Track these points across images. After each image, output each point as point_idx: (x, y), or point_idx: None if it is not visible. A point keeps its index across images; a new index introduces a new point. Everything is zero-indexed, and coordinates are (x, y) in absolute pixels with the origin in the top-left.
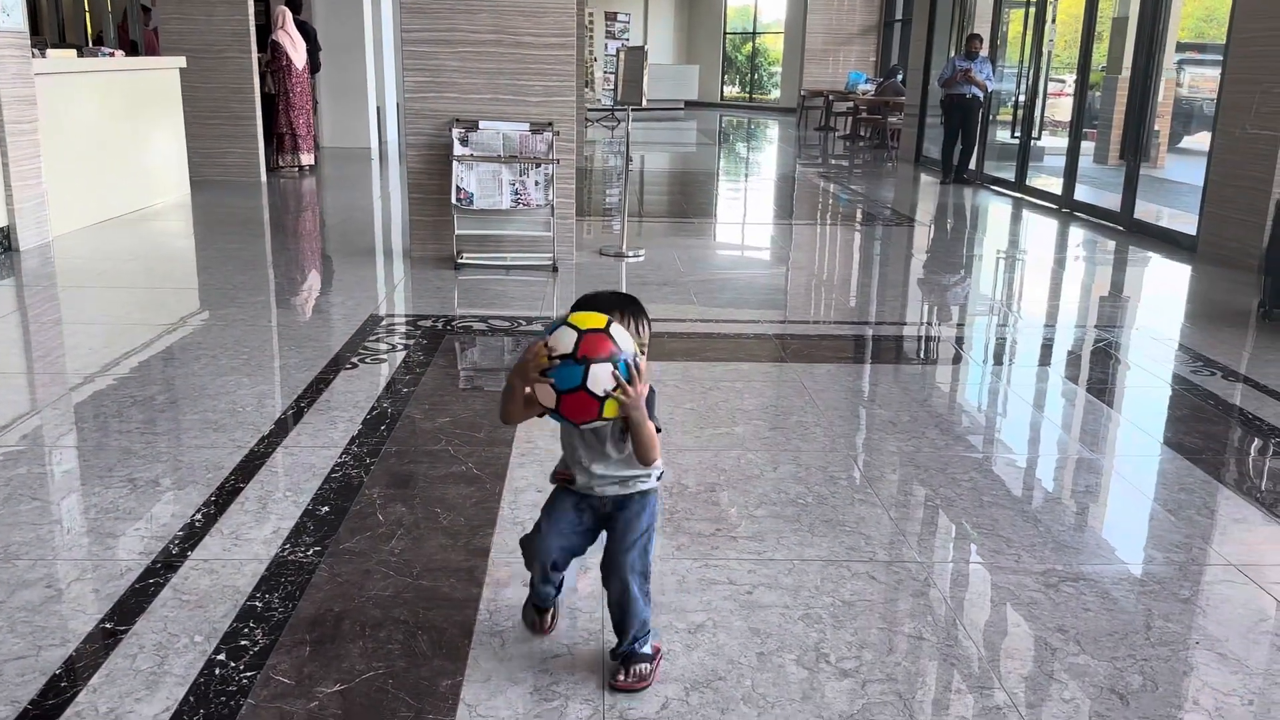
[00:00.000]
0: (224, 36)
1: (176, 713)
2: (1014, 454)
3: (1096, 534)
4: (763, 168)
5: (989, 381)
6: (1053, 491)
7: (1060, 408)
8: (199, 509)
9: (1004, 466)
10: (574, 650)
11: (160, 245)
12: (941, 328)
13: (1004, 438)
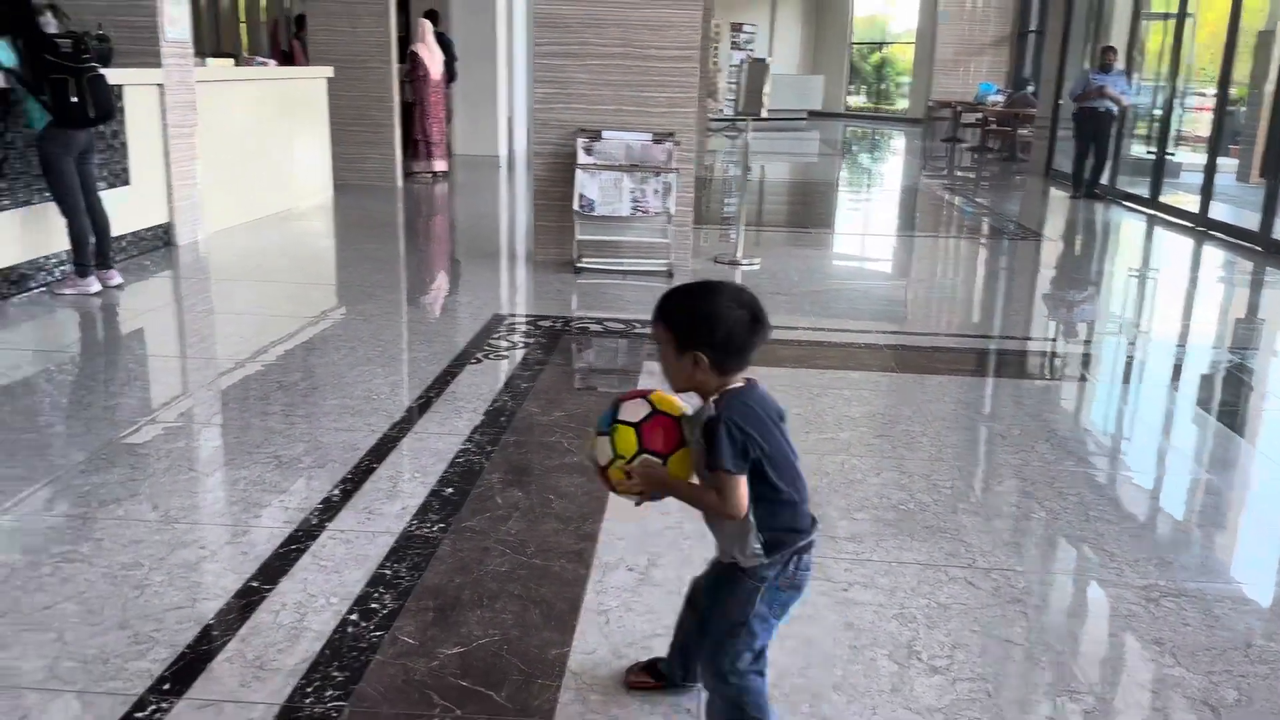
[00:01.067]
0: (368, 48)
1: (314, 663)
2: (1127, 472)
3: (1206, 553)
4: (885, 179)
5: (1108, 399)
6: (1163, 510)
7: (1181, 429)
8: (336, 485)
9: (1115, 483)
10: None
11: (304, 244)
12: (1062, 344)
13: (1118, 455)
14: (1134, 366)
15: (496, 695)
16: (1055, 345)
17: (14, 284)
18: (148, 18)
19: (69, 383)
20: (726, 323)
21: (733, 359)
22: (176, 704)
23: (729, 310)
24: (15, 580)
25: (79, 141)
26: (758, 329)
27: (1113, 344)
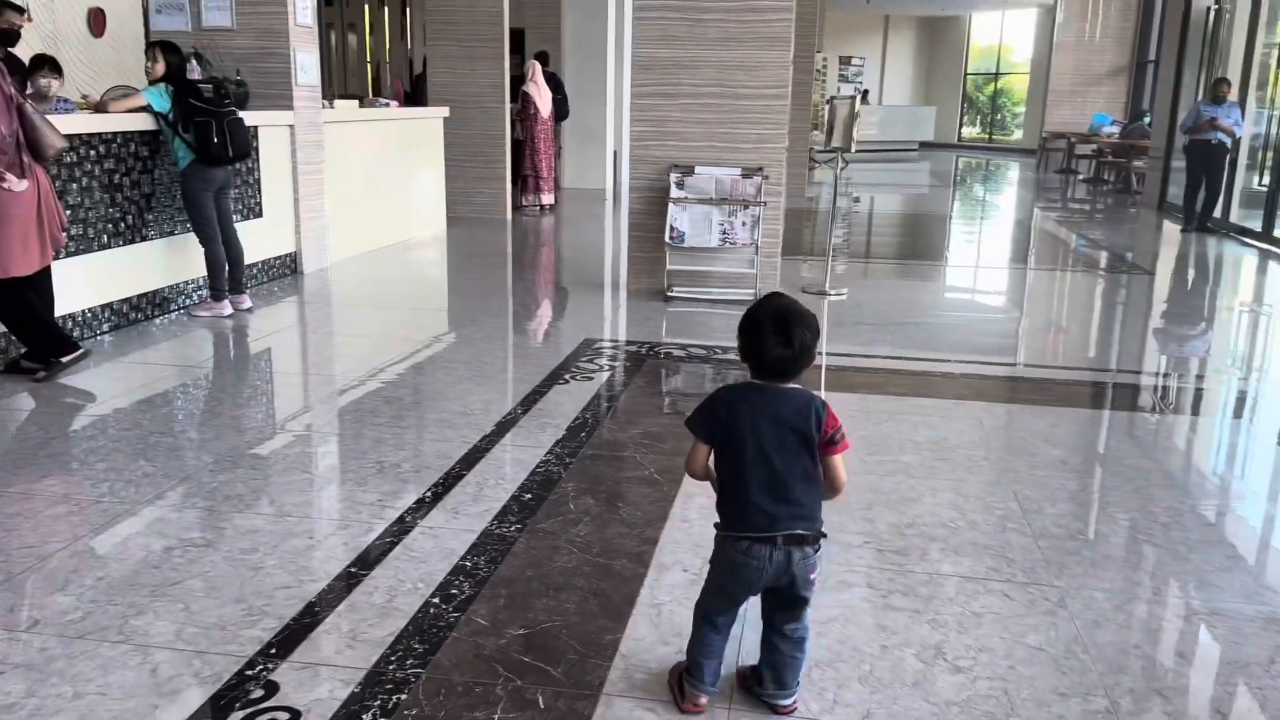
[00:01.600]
0: (483, 88)
1: (399, 637)
2: (1184, 500)
3: (1252, 579)
4: (993, 210)
5: (1180, 432)
6: (1214, 538)
7: (1257, 464)
8: (429, 488)
9: (1169, 510)
10: None
11: (418, 272)
12: (1145, 377)
13: (1177, 484)
14: (1218, 399)
15: (553, 670)
16: (1136, 377)
17: (157, 306)
18: (282, 64)
19: (202, 395)
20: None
21: (760, 372)
22: (280, 665)
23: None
24: (152, 560)
25: (218, 178)
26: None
27: (1197, 376)
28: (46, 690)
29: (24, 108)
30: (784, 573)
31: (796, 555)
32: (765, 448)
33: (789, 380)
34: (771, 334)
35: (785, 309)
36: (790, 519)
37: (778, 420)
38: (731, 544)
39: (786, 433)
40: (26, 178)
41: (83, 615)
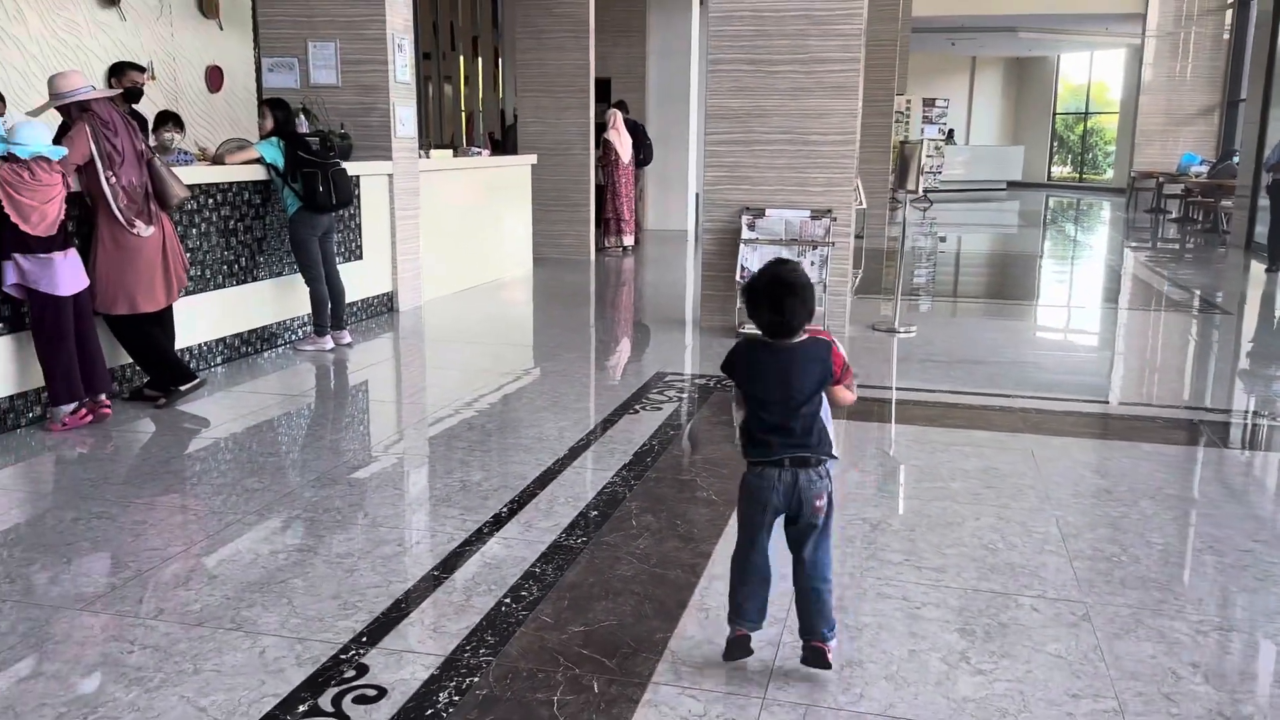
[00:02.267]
0: (570, 136)
1: (473, 630)
2: (1221, 529)
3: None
4: (1078, 250)
5: (1230, 467)
6: (1245, 564)
7: None
8: (505, 505)
9: (1204, 538)
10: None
11: (505, 310)
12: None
13: (1216, 515)
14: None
15: (608, 661)
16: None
17: (265, 341)
18: (382, 118)
19: (305, 421)
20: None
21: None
22: (370, 651)
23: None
24: (260, 562)
25: (323, 223)
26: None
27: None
28: (170, 667)
29: (153, 161)
30: (792, 495)
31: (802, 477)
32: (773, 394)
33: (790, 337)
34: (765, 302)
35: (778, 279)
36: (793, 448)
37: (783, 372)
38: (749, 469)
39: (790, 381)
40: (153, 224)
41: (200, 607)
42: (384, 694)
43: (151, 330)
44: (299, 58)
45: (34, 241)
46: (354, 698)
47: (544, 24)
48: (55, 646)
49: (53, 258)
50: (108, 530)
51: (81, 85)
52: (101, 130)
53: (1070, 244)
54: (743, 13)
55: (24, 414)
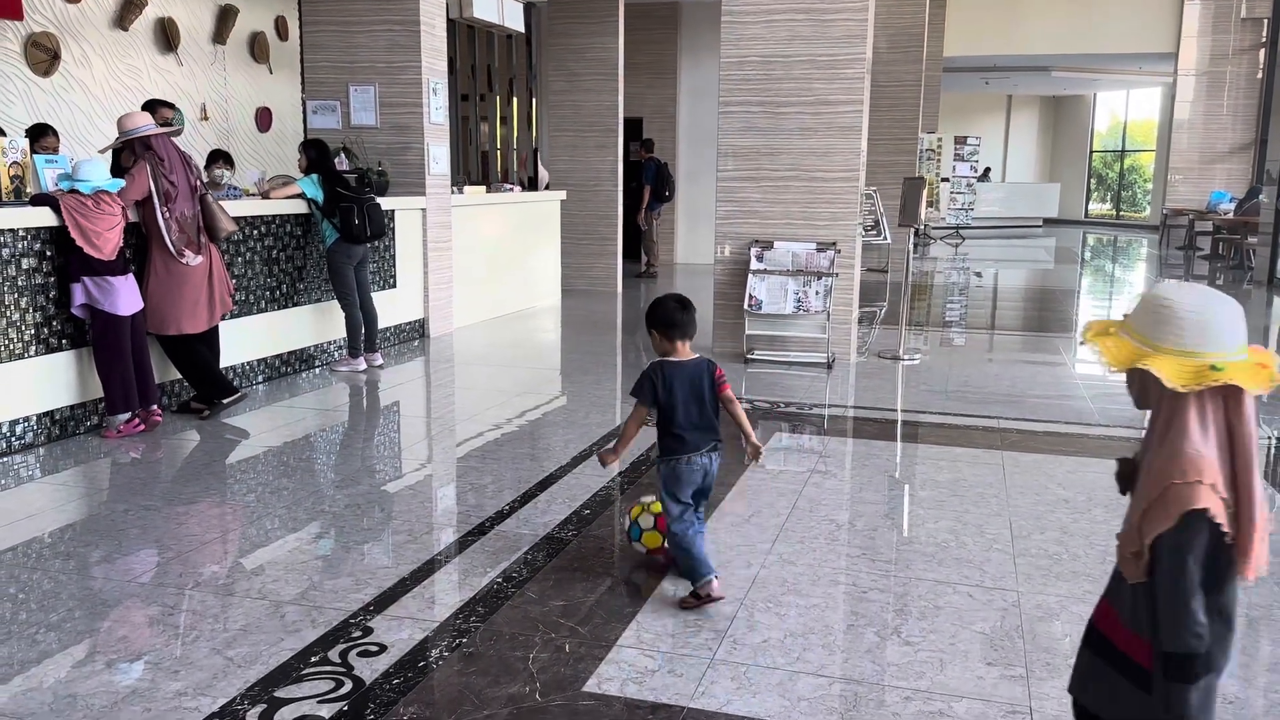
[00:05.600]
0: (598, 174)
1: (467, 602)
2: None
3: None
4: (1103, 285)
5: None
6: None
7: None
8: (509, 502)
9: None
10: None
11: (533, 338)
12: None
13: None
14: None
15: (581, 629)
16: None
17: (304, 362)
18: (418, 157)
19: (336, 434)
20: (661, 309)
21: (668, 331)
22: (376, 617)
23: (664, 303)
24: (287, 546)
25: (358, 253)
26: (677, 310)
27: None
28: (204, 626)
29: (205, 196)
30: (709, 473)
31: (715, 458)
32: (687, 400)
33: (688, 341)
34: (675, 306)
35: (680, 296)
36: (710, 438)
37: (690, 381)
38: (678, 463)
39: (695, 388)
40: (201, 254)
41: (232, 580)
42: (384, 649)
43: (198, 348)
44: (341, 100)
45: (99, 265)
46: (358, 652)
47: (576, 67)
48: (107, 609)
49: (114, 281)
50: (154, 520)
51: (144, 124)
52: (159, 167)
53: (1098, 279)
54: (753, 58)
55: (83, 421)
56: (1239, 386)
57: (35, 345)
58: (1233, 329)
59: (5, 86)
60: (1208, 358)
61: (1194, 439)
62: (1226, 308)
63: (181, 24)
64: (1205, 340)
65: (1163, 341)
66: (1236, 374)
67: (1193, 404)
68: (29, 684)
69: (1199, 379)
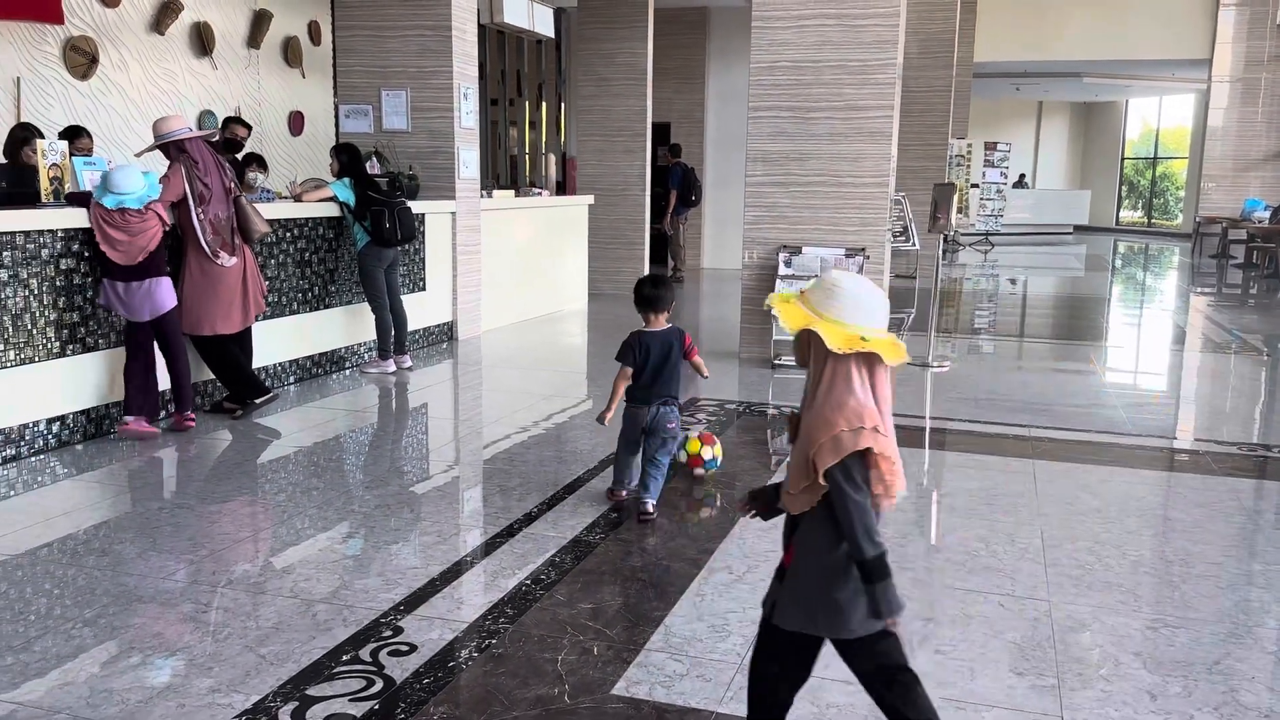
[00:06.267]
0: (626, 178)
1: (496, 604)
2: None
3: (1237, 610)
4: (1134, 294)
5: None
6: (1211, 575)
7: None
8: (535, 505)
9: (1178, 552)
10: (746, 612)
11: (560, 341)
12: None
13: (1195, 534)
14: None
15: (609, 631)
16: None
17: (335, 363)
18: (448, 161)
19: (366, 434)
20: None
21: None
22: (406, 617)
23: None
24: (318, 545)
25: (388, 256)
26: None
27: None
28: (236, 624)
29: (239, 198)
30: (654, 420)
31: (662, 410)
32: (657, 363)
33: (662, 314)
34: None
35: (655, 276)
36: (662, 395)
37: (662, 345)
38: (634, 409)
39: (665, 350)
40: (235, 255)
41: (264, 579)
42: (414, 649)
43: (231, 349)
44: (373, 105)
45: (117, 270)
46: (389, 651)
47: (605, 72)
48: (141, 605)
49: (132, 286)
50: (187, 518)
51: (179, 128)
52: (194, 169)
53: (1129, 287)
54: (783, 63)
55: (119, 420)
56: (879, 355)
57: (72, 344)
58: (881, 311)
59: (44, 90)
60: (860, 330)
61: (856, 392)
62: (878, 296)
63: (217, 28)
64: (860, 316)
65: (828, 312)
66: (878, 346)
67: (853, 364)
68: (65, 678)
69: (851, 345)
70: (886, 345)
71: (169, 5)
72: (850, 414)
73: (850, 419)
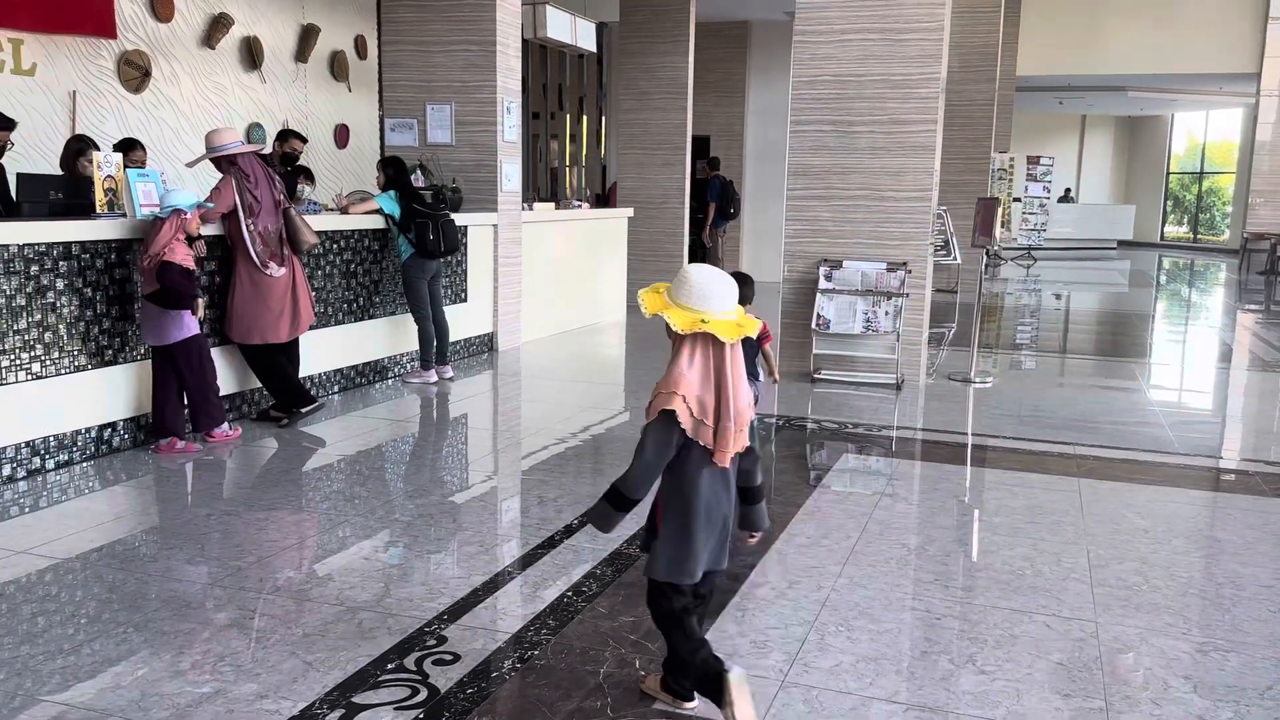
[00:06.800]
0: (666, 191)
1: (538, 615)
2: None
3: None
4: (1178, 310)
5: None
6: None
7: None
8: (576, 517)
9: (1228, 574)
10: (789, 628)
11: (598, 353)
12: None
13: (1246, 555)
14: None
15: (650, 645)
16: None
17: (378, 373)
18: (490, 174)
19: (408, 443)
20: None
21: None
22: (449, 626)
23: None
24: (362, 553)
25: (432, 268)
26: None
27: None
28: (282, 630)
29: (289, 210)
30: None
31: None
32: None
33: None
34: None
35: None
36: None
37: None
38: None
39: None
40: (284, 266)
41: (310, 586)
42: (458, 659)
43: (279, 358)
44: (418, 118)
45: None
46: (433, 660)
47: (646, 86)
48: (189, 610)
49: (147, 308)
50: (234, 524)
51: (231, 141)
52: (245, 182)
53: (1174, 303)
54: (825, 78)
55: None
56: (717, 336)
57: (123, 352)
58: (722, 299)
59: (98, 102)
60: (701, 314)
61: (681, 365)
62: (722, 284)
63: (266, 43)
64: (702, 302)
65: (678, 299)
66: (716, 327)
67: (688, 343)
68: (115, 681)
69: (692, 326)
70: (725, 326)
71: (220, 20)
72: (669, 381)
73: (667, 385)
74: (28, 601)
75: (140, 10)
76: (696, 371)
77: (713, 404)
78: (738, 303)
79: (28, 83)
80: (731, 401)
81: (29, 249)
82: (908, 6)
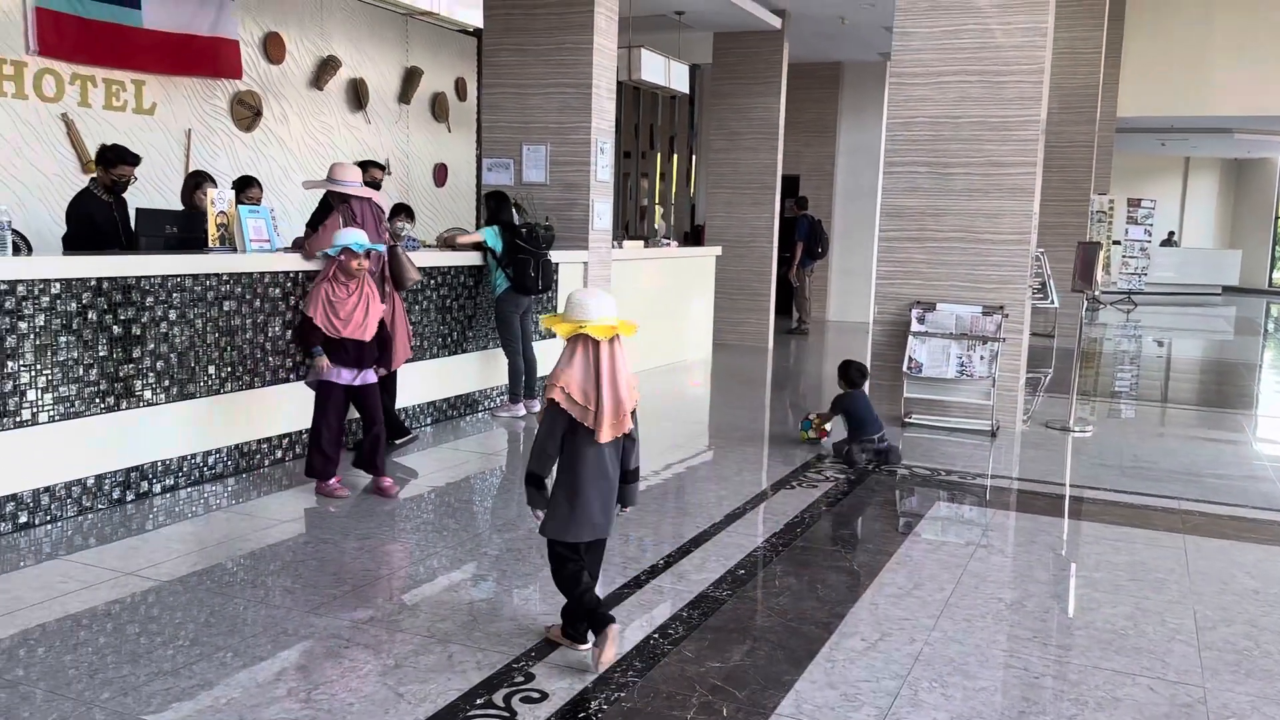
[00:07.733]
0: (754, 230)
1: (625, 657)
2: None
3: None
4: None
5: None
6: None
7: None
8: (662, 557)
9: None
10: (880, 681)
11: (684, 391)
12: None
13: None
14: None
15: (738, 693)
16: None
17: (469, 406)
18: (583, 213)
19: (496, 476)
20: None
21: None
22: (537, 664)
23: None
24: (450, 586)
25: (524, 304)
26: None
27: None
28: (375, 661)
29: (395, 248)
30: None
31: None
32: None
33: None
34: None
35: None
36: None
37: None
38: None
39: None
40: (385, 302)
41: (401, 617)
42: (546, 697)
43: None
44: (514, 158)
45: None
46: (521, 698)
47: (738, 126)
48: (287, 637)
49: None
50: (330, 553)
51: (352, 180)
52: (352, 221)
53: None
54: (921, 120)
55: (269, 455)
56: (593, 337)
57: (231, 382)
58: (599, 309)
59: (211, 140)
60: (579, 322)
61: (563, 363)
62: (596, 300)
63: (371, 84)
64: (580, 312)
65: (565, 314)
66: (592, 330)
67: (578, 345)
68: (212, 703)
69: (573, 331)
70: (600, 329)
71: (328, 62)
72: (553, 376)
73: (552, 379)
74: (132, 622)
75: (253, 53)
76: (577, 367)
77: (594, 393)
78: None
79: (148, 121)
80: (608, 390)
81: (145, 281)
82: (1006, 50)
